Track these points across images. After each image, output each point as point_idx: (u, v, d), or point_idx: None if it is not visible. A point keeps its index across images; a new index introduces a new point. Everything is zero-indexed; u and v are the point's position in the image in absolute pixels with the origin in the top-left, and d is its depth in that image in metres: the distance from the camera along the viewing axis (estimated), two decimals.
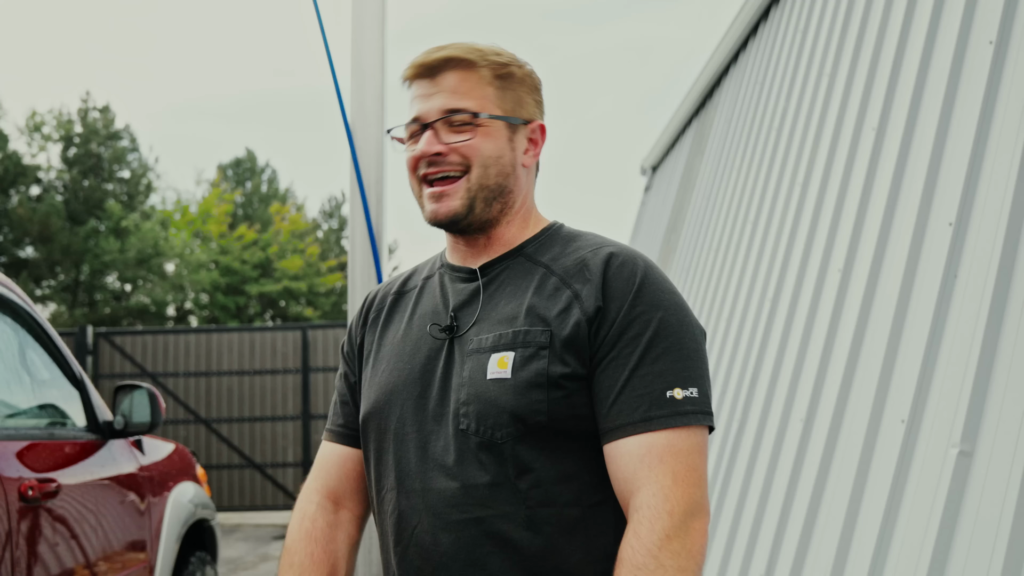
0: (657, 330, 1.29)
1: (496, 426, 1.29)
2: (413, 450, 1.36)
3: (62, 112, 23.68)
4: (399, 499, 1.36)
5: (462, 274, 1.45)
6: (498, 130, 1.40)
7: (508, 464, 1.29)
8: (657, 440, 1.25)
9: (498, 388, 1.30)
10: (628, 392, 1.27)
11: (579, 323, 1.30)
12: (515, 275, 1.40)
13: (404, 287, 1.54)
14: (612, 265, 1.34)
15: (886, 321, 2.84)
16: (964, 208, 2.57)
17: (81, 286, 23.44)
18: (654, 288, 1.32)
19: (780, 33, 5.39)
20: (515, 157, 1.41)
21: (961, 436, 2.25)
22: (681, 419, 1.26)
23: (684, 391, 1.27)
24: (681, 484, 1.24)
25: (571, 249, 1.40)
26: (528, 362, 1.29)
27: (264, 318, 25.95)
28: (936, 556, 2.22)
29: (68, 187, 23.47)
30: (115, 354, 11.61)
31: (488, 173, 1.38)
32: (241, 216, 27.55)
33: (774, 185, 4.58)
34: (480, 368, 1.32)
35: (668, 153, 9.23)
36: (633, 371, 1.28)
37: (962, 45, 2.85)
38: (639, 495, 1.24)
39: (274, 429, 11.67)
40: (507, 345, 1.32)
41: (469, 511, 1.29)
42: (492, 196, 1.39)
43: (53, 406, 3.09)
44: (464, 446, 1.31)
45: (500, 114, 1.40)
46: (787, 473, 3.32)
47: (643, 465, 1.25)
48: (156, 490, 3.46)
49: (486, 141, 1.38)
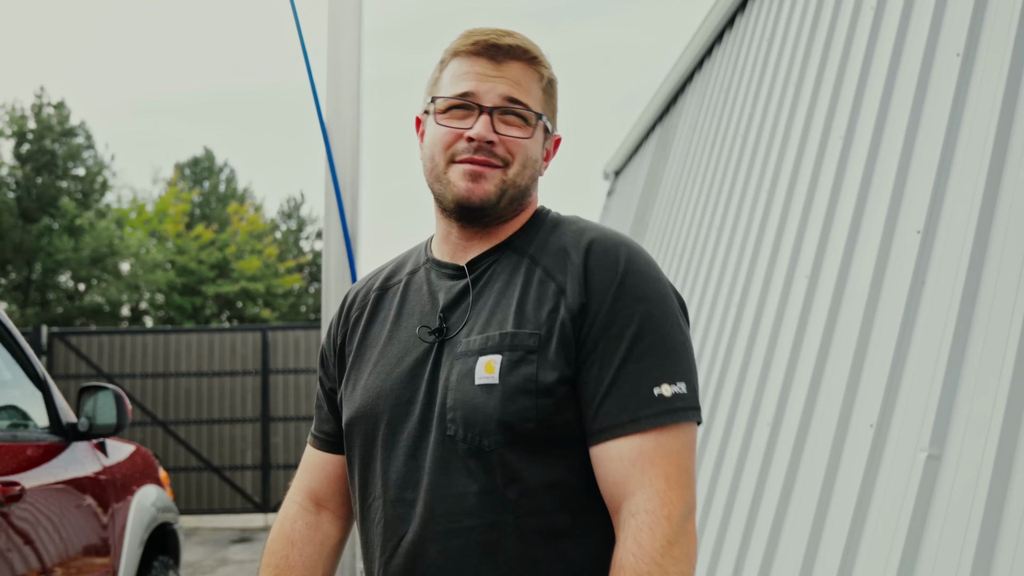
0: (642, 324, 1.25)
1: (484, 433, 1.25)
2: (402, 458, 1.32)
3: (15, 107, 23.23)
4: (385, 508, 1.32)
5: (449, 271, 1.40)
6: (540, 134, 1.40)
7: (496, 472, 1.25)
8: (647, 442, 1.22)
9: (485, 394, 1.25)
10: (614, 392, 1.24)
11: (564, 323, 1.26)
12: (503, 270, 1.36)
13: (387, 283, 1.48)
14: (594, 254, 1.30)
15: (854, 326, 2.88)
16: (932, 216, 2.61)
17: (33, 285, 22.99)
18: (637, 278, 1.28)
19: (746, 41, 5.45)
20: (539, 162, 1.41)
21: (930, 440, 2.28)
22: (670, 417, 1.23)
23: (672, 387, 1.24)
24: (675, 487, 1.21)
25: (554, 237, 1.37)
26: (516, 366, 1.25)
27: (221, 319, 25.66)
28: (904, 560, 2.25)
29: (21, 184, 23.02)
30: (70, 355, 11.41)
31: (524, 173, 1.37)
32: (198, 216, 27.23)
33: (740, 191, 4.63)
34: (467, 373, 1.28)
35: (631, 158, 9.28)
36: (619, 369, 1.24)
37: (929, 55, 2.90)
38: (633, 500, 1.21)
39: (233, 431, 11.54)
40: (494, 348, 1.27)
41: (458, 520, 1.26)
42: (519, 195, 1.38)
43: (15, 407, 3.03)
44: (451, 453, 1.27)
45: (545, 119, 1.40)
46: (753, 478, 3.34)
47: (635, 469, 1.21)
48: (120, 494, 3.41)
49: (532, 143, 1.38)
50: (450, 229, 1.41)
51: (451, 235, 1.41)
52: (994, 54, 2.53)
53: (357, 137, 2.63)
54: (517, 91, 1.35)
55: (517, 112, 1.35)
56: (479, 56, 1.36)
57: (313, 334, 11.80)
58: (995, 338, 2.19)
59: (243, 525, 10.87)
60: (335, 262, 2.61)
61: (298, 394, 11.68)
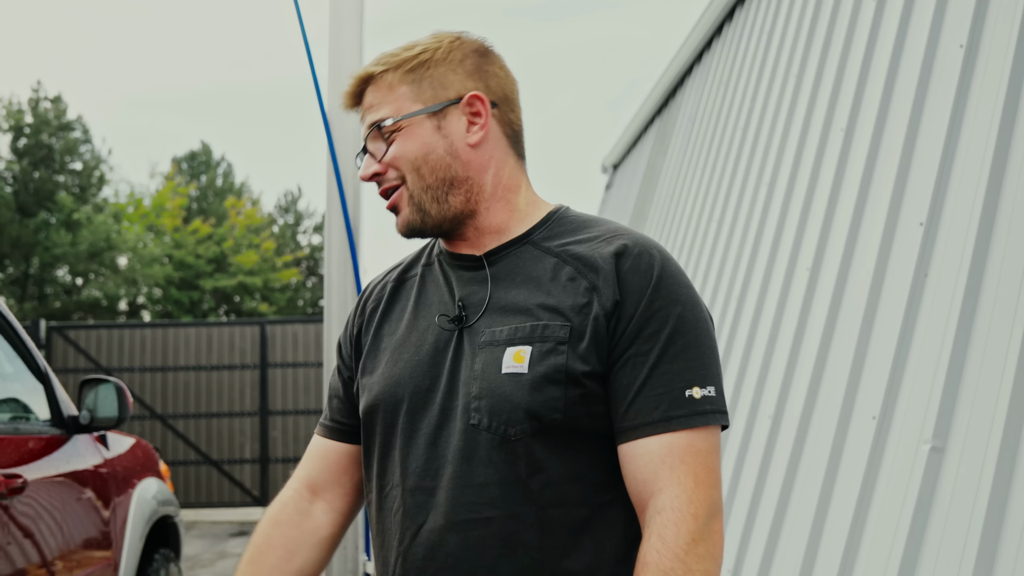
0: (676, 327, 1.26)
1: (510, 422, 1.24)
2: (422, 447, 1.31)
3: (12, 102, 23.17)
4: (404, 497, 1.31)
5: (466, 261, 1.38)
6: (417, 126, 1.33)
7: (520, 462, 1.25)
8: (677, 441, 1.23)
9: (513, 383, 1.25)
10: (647, 391, 1.24)
11: (598, 318, 1.26)
12: (525, 262, 1.34)
13: (404, 275, 1.47)
14: (628, 257, 1.29)
15: (856, 318, 2.88)
16: (935, 208, 2.61)
17: (31, 279, 22.96)
18: (672, 282, 1.28)
19: (745, 33, 5.44)
20: (452, 143, 1.34)
21: (933, 432, 2.28)
22: (700, 419, 1.24)
23: (702, 390, 1.25)
24: (703, 486, 1.22)
25: (583, 236, 1.34)
26: (546, 357, 1.25)
27: (218, 313, 25.64)
28: (907, 553, 2.25)
29: (18, 178, 22.98)
30: (69, 348, 11.40)
31: (422, 174, 1.33)
32: (196, 210, 27.20)
33: (740, 184, 4.62)
34: (494, 362, 1.27)
35: (630, 151, 9.27)
36: (652, 369, 1.25)
37: (932, 47, 2.89)
38: (661, 497, 1.22)
39: (231, 425, 11.54)
40: (523, 339, 1.27)
41: (479, 511, 1.25)
42: (441, 192, 1.33)
43: (16, 400, 3.02)
44: (474, 442, 1.26)
45: (417, 108, 1.33)
46: (754, 470, 3.34)
47: (664, 466, 1.22)
48: (121, 487, 3.40)
49: (405, 143, 1.33)
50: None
51: (453, 239, 1.41)
52: (998, 45, 2.52)
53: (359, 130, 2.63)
54: (372, 114, 1.36)
55: (383, 134, 1.35)
56: (354, 107, 1.40)
57: (311, 328, 11.79)
58: (999, 330, 2.19)
59: (242, 519, 10.87)
60: (337, 255, 2.60)
61: (296, 388, 11.68)
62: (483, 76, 1.38)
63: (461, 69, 1.36)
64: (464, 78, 1.36)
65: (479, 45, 1.40)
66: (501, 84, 1.39)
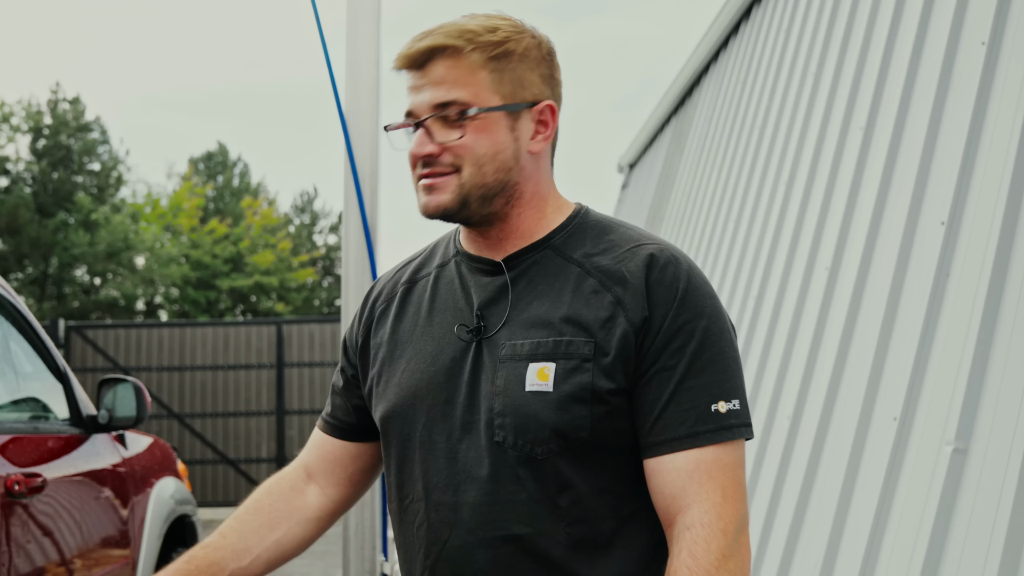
0: (702, 340, 1.24)
1: (536, 441, 1.23)
2: (442, 460, 1.29)
3: (31, 103, 23.35)
4: (427, 511, 1.30)
5: (484, 266, 1.34)
6: (494, 122, 1.27)
7: (548, 480, 1.24)
8: (705, 455, 1.22)
9: (538, 402, 1.23)
10: (674, 406, 1.23)
11: (626, 334, 1.23)
12: (546, 272, 1.30)
13: (416, 276, 1.43)
14: (655, 268, 1.26)
15: (876, 318, 2.85)
16: (956, 207, 2.58)
17: (50, 279, 23.12)
18: (697, 294, 1.26)
19: (763, 32, 5.41)
20: (518, 147, 1.29)
21: (955, 433, 2.26)
22: (727, 434, 1.23)
23: (728, 404, 1.24)
24: (731, 500, 1.22)
25: (604, 244, 1.31)
26: (571, 375, 1.23)
27: (235, 313, 25.75)
28: (929, 557, 2.22)
29: (37, 179, 23.14)
30: (87, 348, 11.47)
31: (484, 172, 1.27)
32: (212, 210, 27.32)
33: (757, 183, 4.60)
34: (517, 378, 1.25)
35: (646, 151, 9.25)
36: (679, 384, 1.23)
37: (953, 44, 2.87)
38: (690, 512, 1.21)
39: (248, 424, 11.58)
40: (547, 355, 1.24)
41: (507, 528, 1.24)
42: (491, 193, 1.28)
43: (36, 399, 3.04)
44: (500, 459, 1.25)
45: (497, 103, 1.27)
46: (773, 472, 3.32)
47: (692, 481, 1.22)
48: (139, 485, 3.42)
49: (480, 138, 1.26)
50: (467, 229, 1.37)
51: (472, 233, 1.36)
52: (1020, 42, 2.49)
53: (376, 129, 2.62)
54: (442, 92, 1.26)
55: (448, 115, 1.26)
56: (407, 70, 1.29)
57: (328, 328, 11.82)
58: (1022, 329, 2.16)
59: None
60: (354, 255, 2.59)
61: (313, 387, 11.72)
62: (552, 83, 1.34)
63: (538, 72, 1.32)
64: (540, 82, 1.32)
65: (550, 48, 1.35)
66: (560, 93, 1.36)
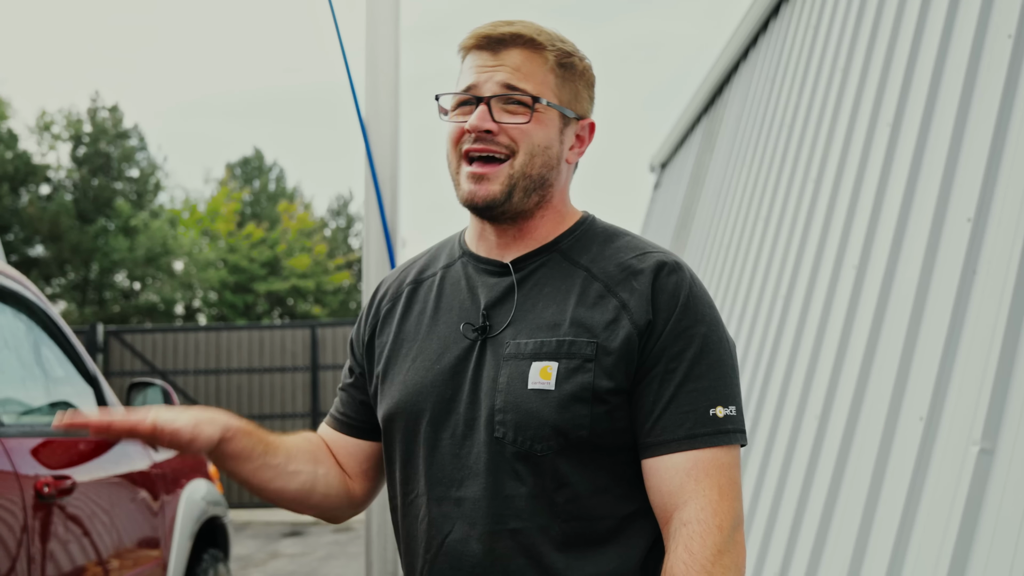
0: (702, 346, 1.29)
1: (536, 438, 1.26)
2: (446, 456, 1.32)
3: (71, 112, 23.77)
4: (429, 505, 1.33)
5: (491, 267, 1.38)
6: (552, 119, 1.35)
7: (546, 476, 1.27)
8: (702, 456, 1.26)
9: (540, 400, 1.27)
10: (673, 408, 1.27)
11: (630, 337, 1.27)
12: (553, 275, 1.35)
13: (421, 276, 1.46)
14: (660, 275, 1.31)
15: (903, 317, 2.82)
16: (983, 203, 2.54)
17: (91, 284, 23.50)
18: (698, 302, 1.31)
19: (791, 30, 5.37)
20: (562, 151, 1.37)
21: (982, 433, 2.22)
22: (723, 438, 1.27)
23: (725, 409, 1.28)
24: (727, 498, 1.25)
25: (611, 251, 1.36)
26: (573, 374, 1.27)
27: (272, 316, 25.99)
28: (956, 557, 2.19)
29: (77, 186, 23.54)
30: (125, 352, 11.64)
31: (534, 162, 1.33)
32: (249, 214, 27.60)
33: (786, 181, 4.56)
34: (520, 376, 1.28)
35: (677, 150, 9.21)
36: (679, 387, 1.27)
37: (980, 38, 2.82)
38: (686, 509, 1.24)
39: (283, 427, 11.67)
40: (550, 354, 1.28)
41: (504, 522, 1.28)
42: (533, 186, 1.34)
43: (67, 403, 3.09)
44: (499, 455, 1.28)
45: (557, 103, 1.35)
46: (801, 472, 3.29)
47: (689, 479, 1.25)
48: (169, 487, 3.46)
49: (539, 128, 1.33)
50: (484, 225, 1.40)
51: (485, 233, 1.40)
52: None
53: (396, 133, 2.64)
54: (515, 77, 1.33)
55: (516, 99, 1.32)
56: (480, 49, 1.35)
57: None
58: None
59: (294, 519, 11.00)
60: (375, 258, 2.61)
61: None
62: (592, 105, 1.44)
63: (588, 92, 1.42)
64: (588, 101, 1.42)
65: (594, 75, 1.45)
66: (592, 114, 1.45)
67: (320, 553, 8.86)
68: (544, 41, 1.35)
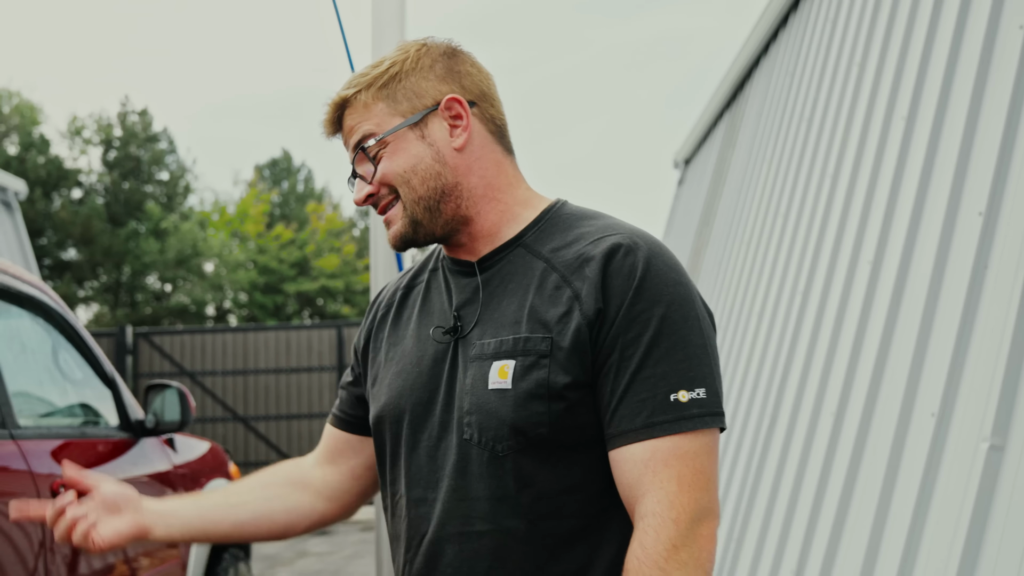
0: (659, 329, 1.22)
1: (497, 438, 1.24)
2: (423, 458, 1.33)
3: (102, 116, 24.08)
4: (408, 507, 1.34)
5: (462, 268, 1.38)
6: (402, 138, 1.33)
7: (509, 477, 1.24)
8: (662, 445, 1.20)
9: (498, 399, 1.24)
10: (630, 397, 1.21)
11: (580, 328, 1.23)
12: (516, 269, 1.32)
13: (413, 282, 1.48)
14: (614, 259, 1.25)
15: (916, 313, 2.80)
16: (994, 197, 2.52)
17: (122, 287, 23.80)
18: (656, 281, 1.23)
19: (810, 23, 5.33)
20: (438, 150, 1.32)
21: (992, 430, 2.20)
22: (687, 424, 1.20)
23: (690, 393, 1.20)
24: (687, 489, 1.18)
25: (573, 237, 1.31)
26: (528, 372, 1.23)
27: (302, 316, 26.18)
28: (967, 551, 2.18)
29: (109, 190, 23.84)
30: (154, 354, 11.78)
31: (413, 185, 1.32)
32: (278, 216, 27.81)
33: (804, 177, 4.53)
34: (482, 377, 1.27)
35: (700, 146, 9.16)
36: (635, 375, 1.21)
37: (992, 30, 2.79)
38: (643, 502, 1.19)
39: (311, 426, 11.76)
40: (508, 353, 1.26)
41: (471, 524, 1.26)
42: (433, 202, 1.32)
43: (86, 405, 3.14)
44: (467, 457, 1.27)
45: (397, 122, 1.32)
46: (818, 467, 3.28)
47: (647, 470, 1.20)
48: (188, 487, 3.50)
49: (393, 158, 1.32)
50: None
51: (451, 243, 1.41)
52: None
53: None
54: (354, 138, 1.36)
55: (366, 153, 1.35)
56: (333, 135, 1.40)
57: None
58: None
59: None
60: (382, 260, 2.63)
61: None
62: (456, 77, 1.36)
63: (432, 75, 1.34)
64: (437, 83, 1.34)
65: (446, 47, 1.38)
66: (475, 82, 1.37)
67: (347, 552, 8.93)
68: (352, 91, 1.35)
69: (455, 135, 1.34)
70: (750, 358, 4.60)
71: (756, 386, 4.37)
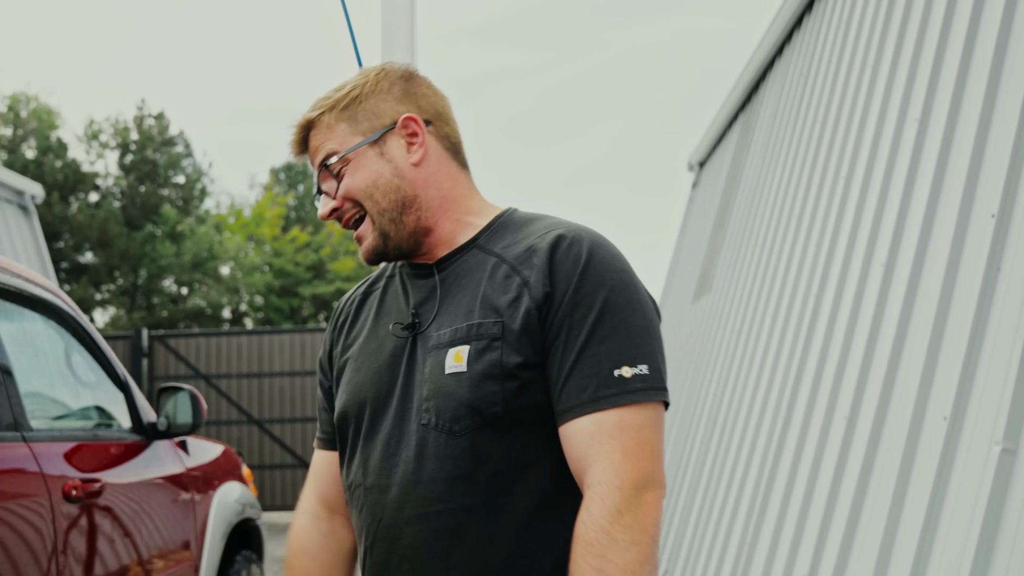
0: (603, 310, 1.30)
1: (454, 419, 1.31)
2: (379, 447, 1.38)
3: (118, 120, 24.24)
4: (365, 495, 1.39)
5: (420, 271, 1.46)
6: (362, 157, 1.42)
7: (466, 456, 1.31)
8: (607, 418, 1.27)
9: (455, 382, 1.32)
10: (576, 374, 1.29)
11: (529, 311, 1.32)
12: (470, 267, 1.41)
13: (370, 288, 1.55)
14: (559, 248, 1.34)
15: (928, 315, 2.78)
16: (1007, 199, 2.50)
17: (139, 290, 23.93)
18: (600, 267, 1.33)
19: (824, 26, 5.31)
20: (396, 165, 1.42)
21: (1004, 433, 2.19)
22: (630, 397, 1.27)
23: (633, 369, 1.28)
24: (631, 458, 1.25)
25: (522, 235, 1.41)
26: (482, 354, 1.31)
27: (318, 319, 26.25)
28: (979, 554, 2.17)
29: (125, 193, 23.99)
30: (170, 356, 11.83)
31: (376, 199, 1.41)
32: (294, 219, 27.92)
33: (818, 179, 4.51)
34: (439, 364, 1.35)
35: (715, 148, 9.15)
36: (580, 352, 1.29)
37: (1005, 32, 2.78)
38: (590, 472, 1.26)
39: None
40: (462, 339, 1.34)
41: (428, 505, 1.32)
42: (396, 214, 1.42)
43: (99, 408, 3.15)
44: (424, 441, 1.33)
45: (358, 140, 1.42)
46: (831, 469, 3.27)
47: (594, 442, 1.27)
48: (201, 489, 3.52)
49: (356, 174, 1.42)
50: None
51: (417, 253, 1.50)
52: None
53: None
54: (319, 156, 1.44)
55: (331, 171, 1.43)
56: (301, 155, 1.49)
57: None
58: None
59: None
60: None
61: None
62: (412, 98, 1.46)
63: (391, 96, 1.45)
64: (395, 104, 1.45)
65: (404, 71, 1.49)
66: (431, 102, 1.48)
67: None
68: (316, 114, 1.44)
69: (412, 151, 1.44)
70: (764, 360, 4.58)
71: (770, 388, 4.35)
